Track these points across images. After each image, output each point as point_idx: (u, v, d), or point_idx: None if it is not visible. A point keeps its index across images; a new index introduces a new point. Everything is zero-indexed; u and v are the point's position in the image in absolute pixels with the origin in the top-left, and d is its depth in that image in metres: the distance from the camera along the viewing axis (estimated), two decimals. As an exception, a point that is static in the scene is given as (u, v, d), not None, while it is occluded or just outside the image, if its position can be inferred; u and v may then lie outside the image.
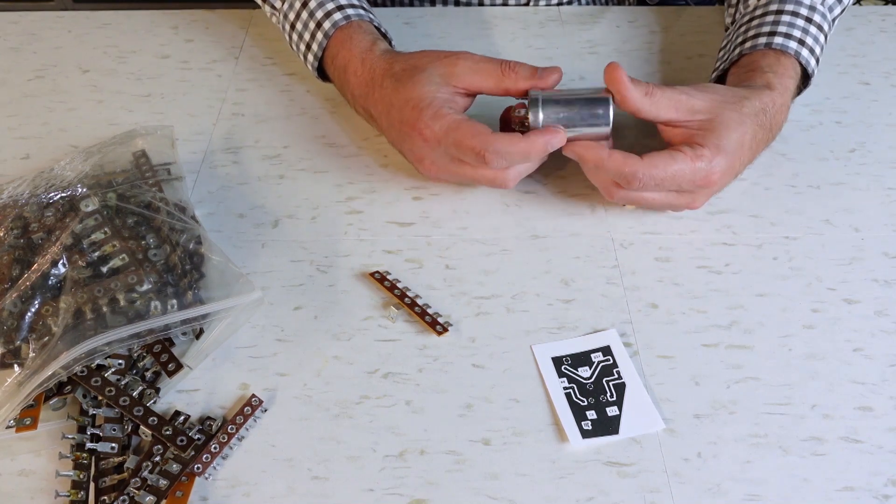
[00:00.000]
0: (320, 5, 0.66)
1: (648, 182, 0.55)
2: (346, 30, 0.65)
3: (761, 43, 0.63)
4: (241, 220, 0.62)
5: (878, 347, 0.53)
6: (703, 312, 0.55)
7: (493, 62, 0.59)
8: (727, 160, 0.56)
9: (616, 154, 0.55)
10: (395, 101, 0.60)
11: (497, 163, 0.56)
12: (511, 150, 0.55)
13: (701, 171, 0.55)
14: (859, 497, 0.46)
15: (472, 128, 0.56)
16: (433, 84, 0.58)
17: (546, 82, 0.58)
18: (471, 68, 0.59)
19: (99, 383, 0.48)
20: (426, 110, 0.57)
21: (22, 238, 0.53)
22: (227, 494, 0.46)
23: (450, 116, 0.57)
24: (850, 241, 0.60)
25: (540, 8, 0.84)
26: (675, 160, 0.55)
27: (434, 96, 0.58)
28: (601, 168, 0.56)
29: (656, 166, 0.54)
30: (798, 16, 0.63)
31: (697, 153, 0.55)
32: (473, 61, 0.59)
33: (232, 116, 0.71)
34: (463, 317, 0.55)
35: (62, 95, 0.73)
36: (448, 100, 0.58)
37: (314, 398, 0.51)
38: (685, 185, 0.55)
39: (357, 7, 0.67)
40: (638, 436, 0.49)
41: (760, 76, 0.61)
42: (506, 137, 0.55)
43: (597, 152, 0.56)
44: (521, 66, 0.59)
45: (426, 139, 0.57)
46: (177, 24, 0.82)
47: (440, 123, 0.56)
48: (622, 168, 0.55)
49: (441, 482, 0.47)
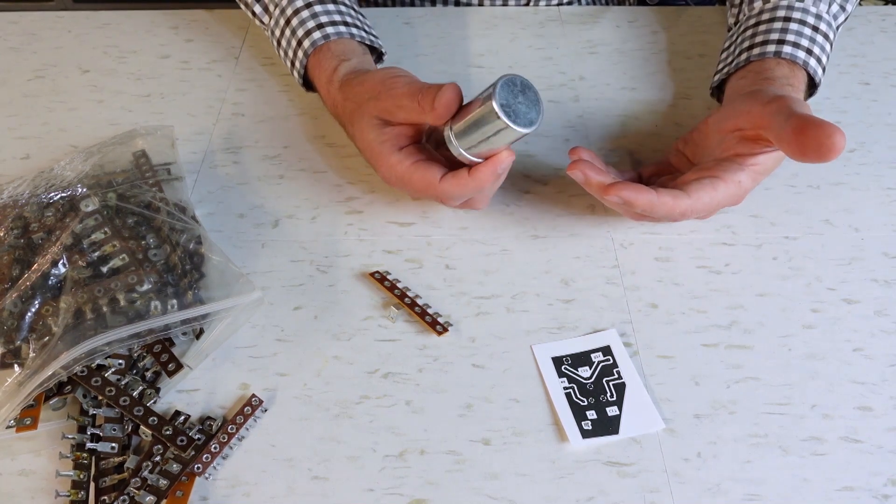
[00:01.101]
0: (301, 23, 0.67)
1: (693, 216, 0.55)
2: (317, 55, 0.66)
3: (770, 51, 0.63)
4: (241, 220, 0.62)
5: (878, 347, 0.53)
6: (703, 312, 0.55)
7: (412, 97, 0.54)
8: (758, 181, 0.56)
9: (664, 196, 0.53)
10: (357, 144, 0.61)
11: (454, 202, 0.57)
12: (462, 192, 0.55)
13: (736, 196, 0.56)
14: (859, 497, 0.46)
15: (422, 178, 0.55)
16: (375, 129, 0.58)
17: (440, 109, 0.53)
18: (397, 106, 0.56)
19: (99, 383, 0.48)
20: (379, 159, 0.57)
21: (22, 238, 0.53)
22: (227, 494, 0.46)
23: (399, 166, 0.56)
24: (850, 241, 0.60)
25: (540, 8, 0.84)
26: (717, 190, 0.54)
27: (381, 142, 0.57)
28: (651, 213, 0.54)
29: (702, 199, 0.54)
30: (805, 24, 0.63)
31: (736, 178, 0.55)
32: (397, 99, 0.56)
33: (232, 116, 0.71)
34: (463, 317, 0.55)
35: (62, 95, 0.73)
36: (392, 141, 0.57)
37: (314, 398, 0.51)
38: (720, 208, 0.56)
39: (338, 24, 0.67)
40: (638, 436, 0.49)
41: (779, 88, 0.60)
42: (453, 182, 0.54)
43: (647, 197, 0.53)
44: (425, 95, 0.54)
45: (390, 183, 0.58)
46: (177, 24, 0.82)
47: (392, 172, 0.57)
48: (673, 211, 0.54)
49: (441, 482, 0.47)
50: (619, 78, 0.75)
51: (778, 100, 0.53)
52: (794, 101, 0.53)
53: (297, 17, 0.67)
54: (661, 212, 0.54)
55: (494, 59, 0.77)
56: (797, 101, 0.53)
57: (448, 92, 0.52)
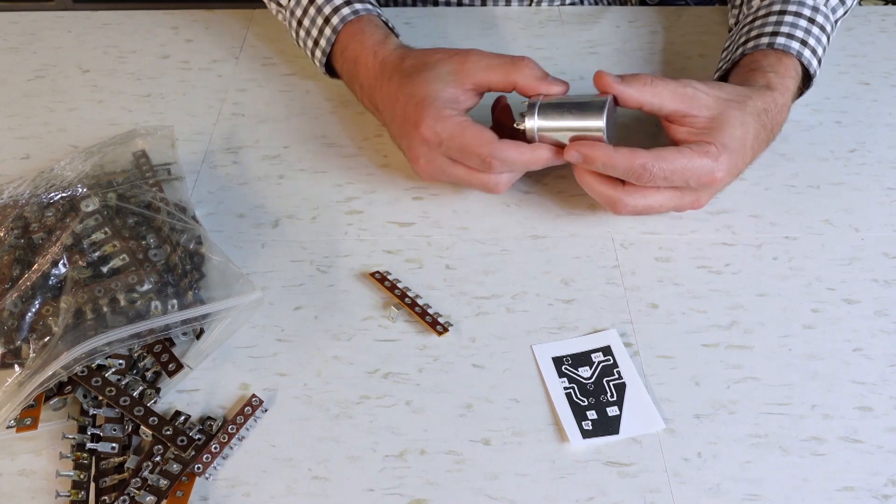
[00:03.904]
0: (328, 1, 0.66)
1: (658, 174, 0.54)
2: (356, 23, 0.65)
3: (763, 43, 0.63)
4: (241, 220, 0.62)
5: (877, 347, 0.53)
6: (703, 312, 0.55)
7: (504, 57, 0.59)
8: (731, 159, 0.56)
9: (623, 149, 0.55)
10: (400, 96, 0.60)
11: (500, 169, 0.56)
12: (517, 159, 0.56)
13: (707, 167, 0.55)
14: (859, 497, 0.46)
15: (480, 134, 0.56)
16: (440, 82, 0.58)
17: (550, 89, 0.57)
18: (481, 65, 0.58)
19: (99, 383, 0.48)
20: (429, 109, 0.57)
21: (22, 238, 0.53)
22: (227, 494, 0.46)
23: (454, 119, 0.56)
24: (850, 241, 0.60)
25: (540, 8, 0.84)
26: (683, 154, 0.55)
27: (438, 95, 0.57)
28: (610, 165, 0.55)
29: (665, 159, 0.54)
30: (801, 16, 0.63)
31: (704, 149, 0.55)
32: (482, 56, 0.59)
33: (232, 116, 0.71)
34: (463, 317, 0.55)
35: (62, 95, 0.73)
36: (452, 100, 0.58)
37: (314, 398, 0.51)
38: (692, 180, 0.55)
39: (365, 2, 0.67)
40: (638, 436, 0.49)
41: (762, 76, 0.61)
42: (513, 147, 0.56)
43: (604, 149, 0.55)
44: (533, 64, 0.58)
45: (426, 139, 0.57)
46: (177, 24, 0.82)
47: (443, 125, 0.56)
48: (632, 162, 0.54)
49: (441, 482, 0.47)
50: (619, 78, 0.75)
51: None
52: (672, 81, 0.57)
53: None
54: (620, 164, 0.54)
55: (494, 59, 0.77)
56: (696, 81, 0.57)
57: (566, 85, 0.58)
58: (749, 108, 0.57)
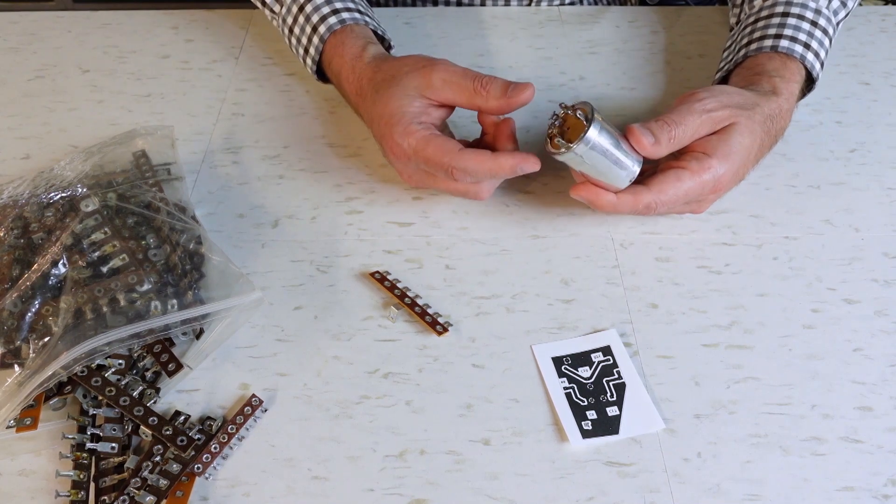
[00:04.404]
0: (316, 9, 0.66)
1: (662, 208, 0.55)
2: (338, 35, 0.65)
3: (767, 45, 0.63)
4: (241, 220, 0.62)
5: (878, 347, 0.53)
6: (703, 312, 0.55)
7: (468, 77, 0.57)
8: (734, 167, 0.56)
9: (624, 196, 0.55)
10: (373, 114, 0.60)
11: (465, 179, 0.56)
12: (478, 168, 0.55)
13: (708, 184, 0.55)
14: (859, 497, 0.46)
15: (441, 146, 0.55)
16: (407, 97, 0.58)
17: (517, 101, 0.56)
18: (445, 81, 0.57)
19: (99, 383, 0.48)
20: (396, 126, 0.57)
21: (22, 238, 0.53)
22: (227, 494, 0.46)
23: (418, 133, 0.56)
24: (850, 241, 0.60)
25: (540, 8, 0.84)
26: (682, 180, 0.55)
27: (405, 111, 0.57)
28: (615, 211, 0.56)
29: (665, 192, 0.55)
30: (804, 19, 0.63)
31: (704, 166, 0.55)
32: (448, 74, 0.57)
33: (232, 116, 0.71)
34: (463, 317, 0.55)
35: (62, 95, 0.73)
36: (419, 113, 0.57)
37: (314, 398, 0.51)
38: (694, 197, 0.56)
39: (353, 10, 0.67)
40: (638, 436, 0.49)
41: (767, 80, 0.61)
42: (473, 156, 0.55)
43: (606, 199, 0.55)
44: (493, 83, 0.56)
45: (397, 155, 0.57)
46: (177, 24, 0.82)
47: (408, 141, 0.56)
48: (636, 206, 0.55)
49: (441, 482, 0.47)
50: (619, 78, 0.75)
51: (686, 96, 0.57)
52: (700, 97, 0.57)
53: (312, 3, 0.67)
54: (625, 209, 0.55)
55: (494, 59, 0.77)
56: (707, 95, 0.57)
57: (529, 91, 0.56)
58: (758, 115, 0.57)
